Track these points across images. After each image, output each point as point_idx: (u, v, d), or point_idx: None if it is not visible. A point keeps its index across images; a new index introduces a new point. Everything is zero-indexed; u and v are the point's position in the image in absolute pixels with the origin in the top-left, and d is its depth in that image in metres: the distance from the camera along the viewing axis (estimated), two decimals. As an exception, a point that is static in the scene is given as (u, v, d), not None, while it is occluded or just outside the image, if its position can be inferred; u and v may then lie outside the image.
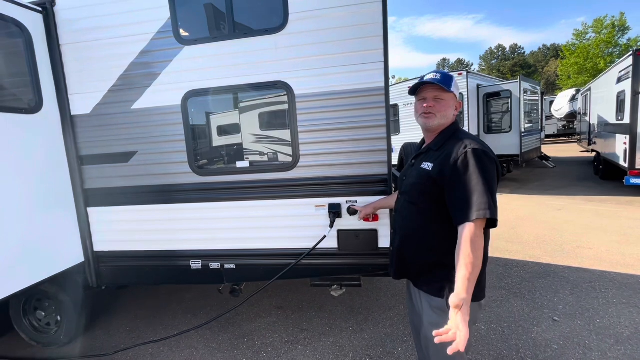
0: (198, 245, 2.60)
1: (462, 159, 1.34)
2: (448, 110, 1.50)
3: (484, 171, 1.32)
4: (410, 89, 1.55)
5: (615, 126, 7.30)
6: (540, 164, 11.04)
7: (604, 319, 2.82)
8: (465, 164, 1.34)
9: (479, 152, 1.35)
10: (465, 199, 1.30)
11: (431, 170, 1.42)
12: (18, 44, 2.32)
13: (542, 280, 3.55)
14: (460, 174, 1.34)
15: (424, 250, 1.49)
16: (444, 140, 1.48)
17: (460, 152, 1.36)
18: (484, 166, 1.33)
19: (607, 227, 5.08)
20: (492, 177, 1.34)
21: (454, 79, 1.50)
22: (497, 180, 1.39)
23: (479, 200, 1.27)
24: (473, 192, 1.29)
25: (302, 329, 2.94)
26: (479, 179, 1.30)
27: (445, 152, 1.41)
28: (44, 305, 2.83)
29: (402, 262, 1.59)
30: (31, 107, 2.37)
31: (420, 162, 1.53)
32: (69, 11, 2.47)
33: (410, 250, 1.53)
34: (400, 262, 1.60)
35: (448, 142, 1.45)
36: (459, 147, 1.39)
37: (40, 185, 2.38)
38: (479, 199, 1.28)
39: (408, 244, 1.54)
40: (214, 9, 2.44)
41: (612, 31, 23.33)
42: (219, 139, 2.88)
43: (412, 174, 1.55)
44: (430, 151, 1.51)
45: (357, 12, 2.17)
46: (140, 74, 2.47)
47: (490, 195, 1.29)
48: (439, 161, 1.41)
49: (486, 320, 2.89)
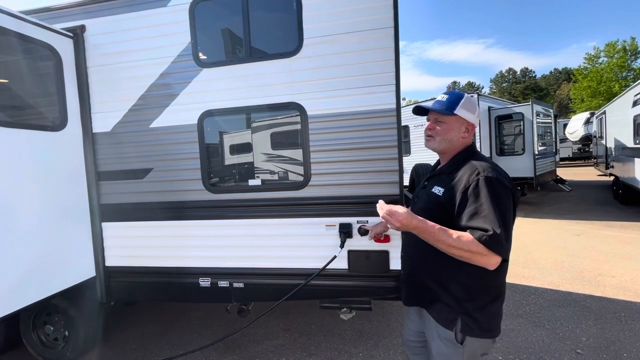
0: (207, 263, 2.59)
1: (472, 186, 1.26)
2: (450, 132, 1.43)
3: (498, 203, 1.22)
4: (413, 109, 1.60)
5: (633, 150, 7.13)
6: (555, 187, 10.77)
7: (632, 353, 2.64)
8: (477, 193, 1.25)
9: (492, 180, 1.25)
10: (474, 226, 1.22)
11: (441, 195, 1.36)
12: (49, 66, 2.47)
13: (562, 309, 3.38)
14: (470, 201, 1.25)
15: (433, 276, 1.42)
16: (457, 164, 1.40)
17: (472, 179, 1.28)
18: (497, 196, 1.23)
19: (630, 254, 4.85)
20: (506, 208, 1.24)
21: (462, 99, 1.41)
22: (513, 212, 1.29)
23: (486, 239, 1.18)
24: (487, 219, 1.20)
25: (309, 354, 2.85)
26: (490, 209, 1.20)
27: (457, 178, 1.34)
28: (53, 320, 2.84)
29: (413, 288, 1.54)
30: (56, 125, 2.48)
31: (431, 185, 1.46)
32: (97, 36, 2.63)
33: (420, 275, 1.48)
34: (411, 287, 1.55)
35: (461, 167, 1.37)
36: (471, 173, 1.30)
37: (59, 200, 2.45)
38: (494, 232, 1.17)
39: (418, 268, 1.49)
40: (231, 34, 2.56)
41: (624, 55, 23.28)
42: (232, 158, 2.94)
43: (423, 197, 1.50)
44: (442, 175, 1.44)
45: (370, 37, 2.24)
46: (160, 94, 2.58)
47: (504, 227, 1.19)
48: (449, 186, 1.34)
49: (503, 351, 2.74)
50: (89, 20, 2.63)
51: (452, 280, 1.36)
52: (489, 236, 1.18)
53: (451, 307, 1.36)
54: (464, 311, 1.34)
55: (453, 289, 1.35)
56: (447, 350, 1.38)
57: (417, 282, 1.50)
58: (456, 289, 1.35)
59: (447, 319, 1.37)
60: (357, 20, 2.25)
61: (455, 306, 1.35)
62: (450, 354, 1.38)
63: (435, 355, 1.43)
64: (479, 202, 1.24)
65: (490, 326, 1.35)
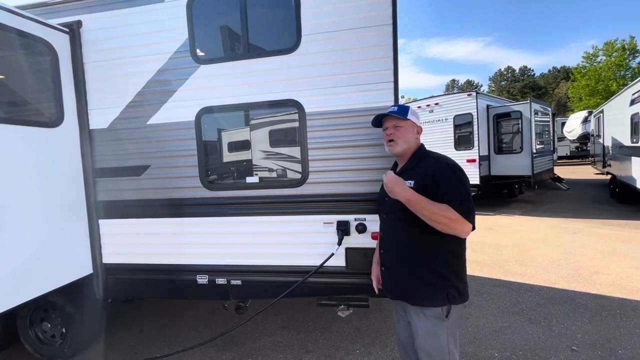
0: (205, 260, 2.59)
1: (439, 172, 1.51)
2: (407, 135, 1.67)
3: (462, 181, 1.51)
4: (373, 121, 1.81)
5: (630, 148, 7.16)
6: (553, 185, 10.81)
7: (627, 350, 2.66)
8: (445, 174, 1.51)
9: (452, 165, 1.55)
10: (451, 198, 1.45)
11: (413, 186, 1.53)
12: (45, 62, 2.45)
13: (558, 307, 3.40)
14: (441, 183, 1.49)
15: (419, 261, 1.56)
16: (417, 160, 1.65)
17: (437, 166, 1.54)
18: (459, 176, 1.52)
19: (626, 252, 4.88)
20: (468, 185, 1.53)
21: (409, 109, 1.70)
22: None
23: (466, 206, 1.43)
24: (458, 194, 1.46)
25: (307, 350, 2.86)
26: (458, 186, 1.48)
27: (423, 169, 1.57)
28: (50, 317, 2.83)
29: (398, 279, 1.63)
30: (52, 121, 2.46)
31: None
32: (93, 32, 2.61)
33: (405, 264, 1.60)
34: (395, 279, 1.65)
35: (421, 161, 1.62)
36: (434, 162, 1.57)
37: (55, 197, 2.44)
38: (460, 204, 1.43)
39: (402, 259, 1.61)
40: (229, 31, 2.54)
41: (623, 54, 23.30)
42: (229, 155, 2.93)
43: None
44: (407, 171, 1.64)
45: (368, 34, 2.23)
46: (157, 91, 2.56)
47: (471, 200, 1.47)
48: (418, 177, 1.55)
49: (500, 348, 2.76)
50: (85, 16, 2.61)
51: (437, 258, 1.54)
52: (462, 205, 1.43)
53: (438, 285, 1.53)
54: (450, 284, 1.53)
55: (438, 266, 1.54)
56: (434, 327, 1.53)
57: (400, 272, 1.61)
58: (441, 265, 1.54)
59: (434, 297, 1.53)
60: (356, 17, 2.24)
61: (442, 282, 1.53)
62: (437, 329, 1.54)
63: (423, 336, 1.56)
64: (448, 182, 1.49)
65: (465, 290, 1.58)
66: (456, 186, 1.48)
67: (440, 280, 1.53)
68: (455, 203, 1.43)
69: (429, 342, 1.55)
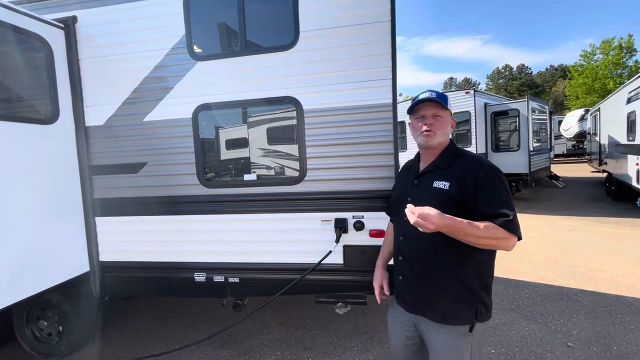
0: (202, 258, 2.58)
1: (482, 176, 1.34)
2: (447, 127, 1.48)
3: (506, 188, 1.34)
4: (408, 108, 1.52)
5: (626, 147, 7.20)
6: (549, 183, 10.87)
7: (622, 346, 2.69)
8: (488, 181, 1.34)
9: (496, 169, 1.38)
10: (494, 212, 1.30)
11: (449, 189, 1.37)
12: (39, 58, 2.42)
13: (554, 304, 3.43)
14: (484, 189, 1.33)
15: (449, 272, 1.39)
16: (450, 158, 1.45)
17: (478, 169, 1.36)
18: (503, 182, 1.35)
19: (622, 249, 4.92)
20: (510, 192, 1.39)
21: (447, 97, 1.50)
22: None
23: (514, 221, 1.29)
24: (503, 204, 1.31)
25: (305, 348, 2.86)
26: (503, 195, 1.32)
27: (460, 170, 1.38)
28: (46, 315, 2.82)
29: (421, 293, 1.45)
30: (48, 118, 2.44)
31: (428, 181, 1.44)
32: (89, 28, 2.58)
33: (433, 276, 1.41)
34: (418, 292, 1.45)
35: (457, 160, 1.43)
36: (473, 163, 1.39)
37: (52, 194, 2.42)
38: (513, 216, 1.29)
39: (429, 269, 1.42)
40: (226, 27, 2.52)
41: (620, 52, 23.39)
42: (227, 152, 2.92)
43: (423, 195, 1.43)
44: (438, 170, 1.44)
45: (366, 31, 2.22)
46: (154, 87, 2.54)
47: (515, 210, 1.32)
48: (455, 178, 1.37)
49: (496, 344, 2.78)
50: (80, 11, 2.57)
51: (468, 270, 1.38)
52: (509, 221, 1.27)
53: (467, 301, 1.37)
54: (480, 299, 1.38)
55: (469, 279, 1.38)
56: (457, 343, 1.38)
57: (426, 284, 1.43)
58: (471, 279, 1.38)
59: (460, 315, 1.37)
60: (354, 14, 2.23)
61: (471, 298, 1.37)
62: (460, 346, 1.39)
63: (443, 353, 1.40)
64: (493, 189, 1.32)
65: (491, 306, 1.42)
66: (501, 196, 1.31)
67: (469, 296, 1.37)
68: (502, 219, 1.27)
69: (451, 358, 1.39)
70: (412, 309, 1.49)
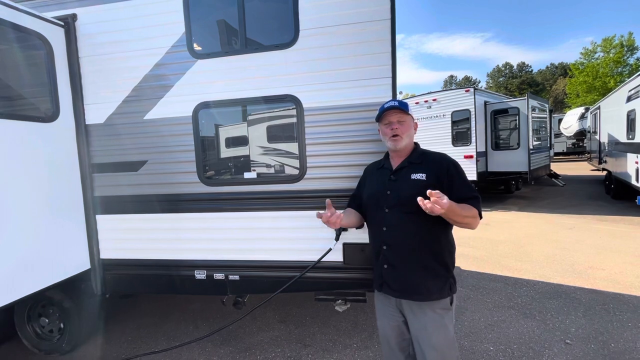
0: (203, 255, 2.59)
1: (452, 167, 1.61)
2: (410, 130, 1.69)
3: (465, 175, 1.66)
4: (376, 116, 1.76)
5: (626, 145, 7.21)
6: (549, 181, 10.89)
7: (619, 343, 2.71)
8: (457, 170, 1.62)
9: (457, 162, 1.67)
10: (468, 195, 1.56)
11: (426, 179, 1.59)
12: (40, 56, 2.42)
13: (552, 301, 3.45)
14: (456, 177, 1.59)
15: (430, 253, 1.58)
16: (421, 155, 1.69)
17: (447, 163, 1.62)
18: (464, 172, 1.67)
19: (620, 247, 4.94)
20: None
21: (407, 104, 1.73)
22: None
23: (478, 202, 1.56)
24: (470, 189, 1.59)
25: (305, 345, 2.88)
26: (468, 181, 1.63)
27: (432, 163, 1.63)
28: (47, 312, 2.84)
29: (406, 275, 1.60)
30: (48, 116, 2.44)
31: (405, 175, 1.65)
32: (89, 26, 2.58)
33: (416, 258, 1.58)
34: (404, 276, 1.60)
35: (426, 157, 1.67)
36: (442, 158, 1.65)
37: (52, 192, 2.43)
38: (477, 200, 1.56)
39: (413, 252, 1.59)
40: (226, 25, 2.52)
41: (621, 50, 23.34)
42: (227, 150, 2.92)
43: (403, 186, 1.63)
44: (413, 165, 1.66)
45: (366, 29, 2.22)
46: (154, 85, 2.54)
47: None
48: (431, 171, 1.60)
49: (495, 341, 2.80)
50: (80, 9, 2.57)
51: (444, 249, 1.60)
52: (478, 201, 1.55)
53: (444, 276, 1.58)
54: (451, 274, 1.62)
55: (444, 257, 1.60)
56: (443, 319, 1.56)
57: (409, 267, 1.59)
58: (447, 257, 1.60)
59: (442, 290, 1.56)
60: (354, 12, 2.23)
61: (446, 273, 1.59)
62: (446, 320, 1.57)
63: (434, 331, 1.55)
64: (460, 178, 1.60)
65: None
66: (467, 182, 1.60)
67: (445, 272, 1.59)
68: (473, 200, 1.53)
69: (440, 335, 1.55)
70: (400, 294, 1.63)
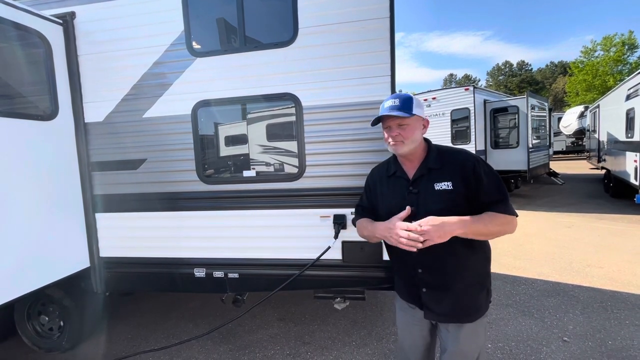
0: (202, 254, 2.60)
1: (479, 166, 1.39)
2: (415, 133, 1.43)
3: (496, 174, 1.43)
4: (372, 121, 1.51)
5: (625, 144, 7.22)
6: (548, 180, 10.90)
7: (616, 341, 2.72)
8: (484, 169, 1.39)
9: (480, 158, 1.47)
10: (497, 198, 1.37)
11: (454, 187, 1.37)
12: (38, 54, 2.41)
13: (551, 299, 3.46)
14: (483, 181, 1.37)
15: (470, 273, 1.43)
16: (439, 157, 1.44)
17: (472, 161, 1.40)
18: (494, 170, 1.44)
19: (619, 246, 4.96)
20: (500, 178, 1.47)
21: (413, 100, 1.43)
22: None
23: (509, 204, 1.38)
24: (500, 191, 1.38)
25: (304, 342, 2.90)
26: (498, 181, 1.40)
27: (454, 165, 1.40)
28: (47, 310, 2.84)
29: (454, 300, 1.43)
30: (47, 114, 2.44)
31: (427, 185, 1.41)
32: (88, 24, 2.58)
33: (459, 280, 1.42)
34: (452, 300, 1.44)
35: (444, 156, 1.44)
36: (463, 157, 1.42)
37: (52, 190, 2.43)
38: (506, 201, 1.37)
39: (454, 275, 1.42)
40: (225, 23, 2.52)
41: (622, 49, 23.32)
42: (226, 149, 2.92)
43: (429, 200, 1.39)
44: (433, 171, 1.42)
45: (365, 27, 2.22)
46: (153, 84, 2.54)
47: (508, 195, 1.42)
48: (456, 175, 1.38)
49: (493, 339, 2.81)
50: (79, 7, 2.56)
51: (482, 267, 1.47)
52: (508, 204, 1.36)
53: (483, 286, 1.47)
54: (486, 285, 1.48)
55: (481, 266, 1.47)
56: (477, 326, 1.46)
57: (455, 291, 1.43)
58: (483, 264, 1.48)
59: (482, 307, 1.46)
60: (353, 10, 2.23)
61: (485, 282, 1.48)
62: (479, 328, 1.48)
63: (465, 339, 1.45)
64: (488, 178, 1.38)
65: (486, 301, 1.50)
66: (497, 183, 1.38)
67: (484, 281, 1.48)
68: (502, 205, 1.34)
69: (471, 343, 1.46)
70: (448, 319, 1.46)
